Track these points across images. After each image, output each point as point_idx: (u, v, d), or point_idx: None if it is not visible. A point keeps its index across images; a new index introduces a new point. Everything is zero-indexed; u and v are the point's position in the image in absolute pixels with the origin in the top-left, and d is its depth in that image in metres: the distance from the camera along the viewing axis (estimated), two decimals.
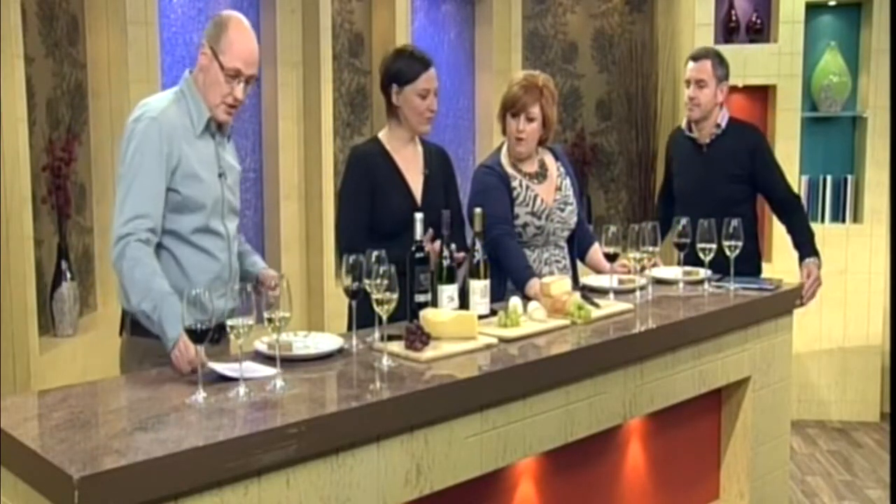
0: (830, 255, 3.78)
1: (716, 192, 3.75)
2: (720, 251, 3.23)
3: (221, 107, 2.54)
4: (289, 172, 4.77)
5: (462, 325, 2.55)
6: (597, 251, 3.46)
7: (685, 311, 3.01)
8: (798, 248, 3.79)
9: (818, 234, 3.84)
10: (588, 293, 3.06)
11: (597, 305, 2.91)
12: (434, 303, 2.70)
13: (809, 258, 3.73)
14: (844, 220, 5.21)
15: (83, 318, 3.86)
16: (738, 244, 3.22)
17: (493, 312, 2.74)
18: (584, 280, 3.37)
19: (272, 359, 2.24)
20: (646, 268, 3.19)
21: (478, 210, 2.83)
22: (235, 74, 2.51)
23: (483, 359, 2.45)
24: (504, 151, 3.37)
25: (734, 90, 4.78)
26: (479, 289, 2.77)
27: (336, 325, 4.57)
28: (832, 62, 5.18)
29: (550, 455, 2.63)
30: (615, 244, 3.04)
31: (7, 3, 3.20)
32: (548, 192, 3.36)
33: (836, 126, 5.31)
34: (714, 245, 3.21)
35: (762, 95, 5.21)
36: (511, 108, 3.26)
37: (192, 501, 1.76)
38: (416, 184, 3.14)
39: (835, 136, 5.32)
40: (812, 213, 5.07)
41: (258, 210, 4.81)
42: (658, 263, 3.46)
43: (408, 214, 2.77)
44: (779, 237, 4.72)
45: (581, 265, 3.53)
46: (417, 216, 2.71)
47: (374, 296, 2.32)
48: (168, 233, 2.48)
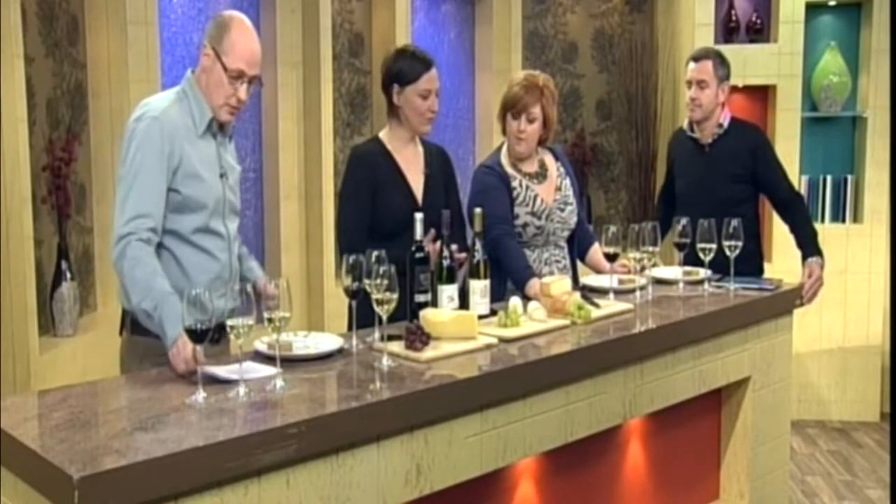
0: (830, 255, 3.77)
1: (717, 192, 3.75)
2: (720, 251, 3.23)
3: (224, 108, 2.54)
4: (289, 172, 4.77)
5: (462, 325, 2.55)
6: (597, 251, 3.46)
7: (685, 311, 3.01)
8: (801, 248, 3.78)
9: (818, 234, 3.84)
10: (588, 293, 3.06)
11: (597, 305, 2.91)
12: (434, 303, 2.70)
13: (812, 257, 3.72)
14: (844, 220, 5.21)
15: (83, 318, 3.86)
16: (738, 244, 3.22)
17: (493, 312, 2.74)
18: (584, 280, 3.37)
19: (272, 359, 2.24)
20: (646, 268, 3.19)
21: (478, 210, 2.83)
22: (239, 75, 2.50)
23: (483, 359, 2.45)
24: (504, 151, 3.37)
25: (734, 90, 4.77)
26: (479, 289, 2.77)
27: (336, 325, 4.57)
28: (832, 62, 5.18)
29: (550, 455, 2.63)
30: (615, 244, 3.04)
31: (7, 3, 3.20)
32: (548, 192, 3.36)
33: (836, 126, 5.31)
34: (714, 245, 3.21)
35: (762, 95, 5.21)
36: (512, 109, 3.26)
37: (192, 501, 1.76)
38: (417, 184, 3.14)
39: (835, 136, 5.32)
40: (812, 213, 5.04)
41: (258, 210, 4.81)
42: (658, 263, 3.46)
43: (408, 214, 2.77)
44: (779, 237, 4.72)
45: (581, 265, 3.53)
46: (417, 216, 2.70)
47: (374, 296, 2.32)
48: (168, 232, 2.48)
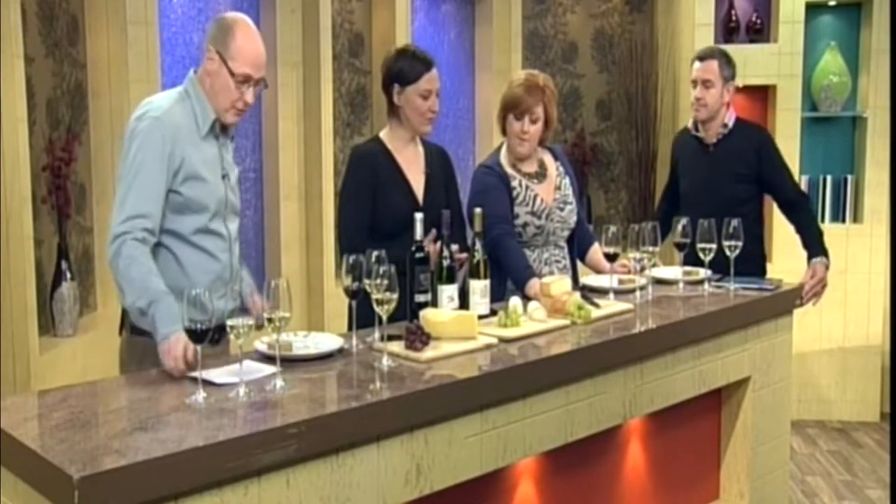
0: (831, 255, 3.76)
1: (722, 192, 3.73)
2: (721, 251, 3.23)
3: (231, 111, 2.53)
4: (289, 172, 4.77)
5: (462, 325, 2.55)
6: (597, 251, 3.45)
7: (685, 311, 3.01)
8: (806, 248, 3.76)
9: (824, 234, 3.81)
10: (588, 293, 3.06)
11: (597, 305, 2.91)
12: (434, 303, 2.70)
13: (817, 258, 3.70)
14: (844, 220, 5.20)
15: (83, 318, 3.86)
16: (738, 244, 3.22)
17: (493, 312, 2.74)
18: (584, 280, 3.37)
19: (272, 359, 2.24)
20: (646, 268, 3.19)
21: (478, 210, 2.83)
22: (245, 80, 2.49)
23: (483, 359, 2.45)
24: (503, 151, 3.37)
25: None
26: (479, 289, 2.77)
27: (336, 325, 4.57)
28: (832, 62, 5.18)
29: (550, 455, 2.63)
30: (615, 244, 3.04)
31: (7, 3, 3.20)
32: (547, 192, 3.36)
33: (836, 126, 5.31)
34: (714, 245, 3.20)
35: (762, 95, 5.21)
36: (515, 110, 3.26)
37: (192, 501, 1.76)
38: (418, 183, 3.14)
39: (835, 136, 5.32)
40: None
41: (258, 210, 4.81)
42: (658, 263, 3.46)
43: (409, 214, 2.77)
44: (780, 238, 4.72)
45: (581, 265, 3.53)
46: (417, 216, 2.70)
47: (374, 296, 2.32)
48: (169, 233, 2.48)
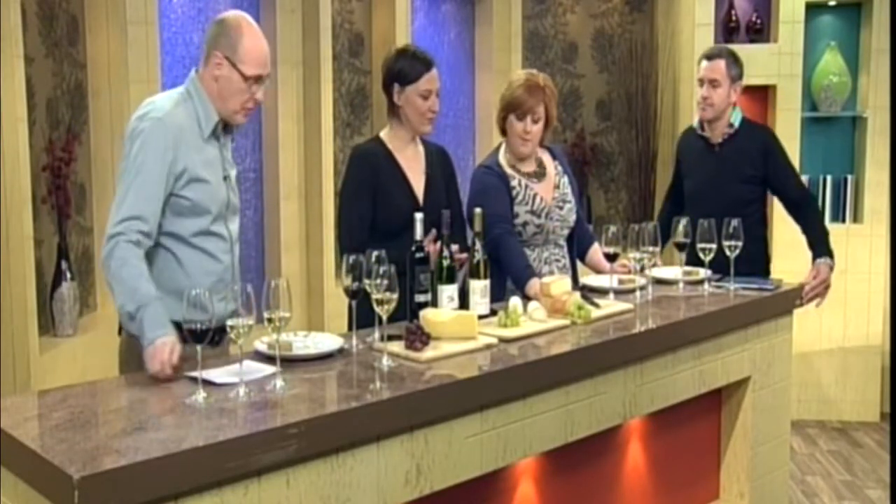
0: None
1: (727, 192, 3.71)
2: (721, 251, 3.22)
3: (241, 112, 2.55)
4: (289, 172, 4.77)
5: (462, 325, 2.55)
6: (597, 251, 3.45)
7: (685, 311, 3.01)
8: (811, 248, 3.75)
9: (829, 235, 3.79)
10: (588, 293, 3.06)
11: (597, 305, 2.91)
12: (434, 303, 2.70)
13: (821, 258, 3.69)
14: (844, 220, 5.20)
15: (83, 318, 3.86)
16: (738, 244, 3.21)
17: (493, 312, 2.74)
18: (584, 280, 3.36)
19: (272, 359, 2.24)
20: (646, 268, 3.19)
21: (478, 210, 2.83)
22: (257, 79, 2.52)
23: (483, 359, 2.45)
24: (502, 152, 3.37)
25: None
26: (479, 289, 2.77)
27: (336, 325, 4.57)
28: (832, 62, 5.18)
29: (550, 455, 2.63)
30: (615, 244, 3.04)
31: (7, 3, 3.20)
32: (546, 191, 3.36)
33: (836, 126, 5.31)
34: (714, 245, 3.20)
35: (762, 95, 5.21)
36: (517, 111, 3.26)
37: (192, 501, 1.76)
38: (419, 183, 3.14)
39: (835, 136, 5.32)
40: None
41: (258, 210, 4.81)
42: (657, 263, 3.46)
43: (409, 214, 2.77)
44: (780, 238, 4.72)
45: (581, 265, 3.53)
46: (417, 216, 2.70)
47: (374, 296, 2.32)
48: (170, 235, 2.48)
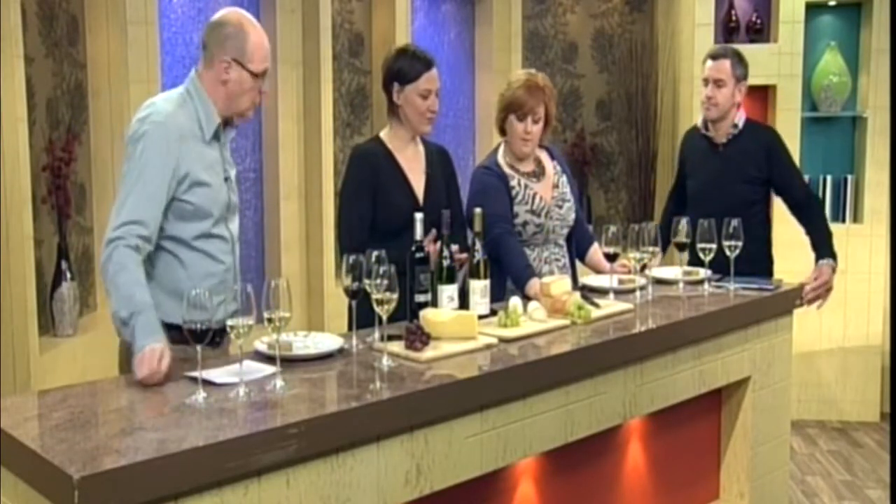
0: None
1: (730, 193, 3.70)
2: (722, 251, 3.22)
3: (251, 108, 2.60)
4: (289, 172, 4.77)
5: (462, 325, 2.55)
6: (596, 251, 3.46)
7: (685, 311, 3.01)
8: (815, 250, 3.74)
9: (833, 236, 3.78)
10: (588, 293, 3.06)
11: (597, 305, 2.91)
12: (434, 303, 2.70)
13: (823, 260, 3.69)
14: (844, 220, 5.20)
15: (83, 318, 3.86)
16: (738, 244, 3.21)
17: (493, 312, 2.74)
18: (584, 280, 3.37)
19: (272, 359, 2.24)
20: (646, 268, 3.19)
21: (478, 210, 2.83)
22: (265, 73, 2.57)
23: (483, 359, 2.45)
24: (501, 152, 3.38)
25: None
26: (479, 289, 2.77)
27: (336, 325, 4.57)
28: (832, 62, 5.18)
29: (550, 455, 2.63)
30: (615, 244, 3.04)
31: (7, 3, 3.20)
32: (546, 190, 3.36)
33: (836, 126, 5.31)
34: (714, 245, 3.20)
35: (762, 95, 5.21)
36: (517, 111, 3.26)
37: (192, 501, 1.76)
38: (419, 183, 3.14)
39: (835, 136, 5.32)
40: None
41: (258, 210, 4.81)
42: (654, 262, 3.45)
43: (409, 214, 2.77)
44: (780, 238, 4.70)
45: (581, 265, 3.53)
46: (417, 216, 2.70)
47: (374, 296, 2.32)
48: (171, 238, 2.48)
